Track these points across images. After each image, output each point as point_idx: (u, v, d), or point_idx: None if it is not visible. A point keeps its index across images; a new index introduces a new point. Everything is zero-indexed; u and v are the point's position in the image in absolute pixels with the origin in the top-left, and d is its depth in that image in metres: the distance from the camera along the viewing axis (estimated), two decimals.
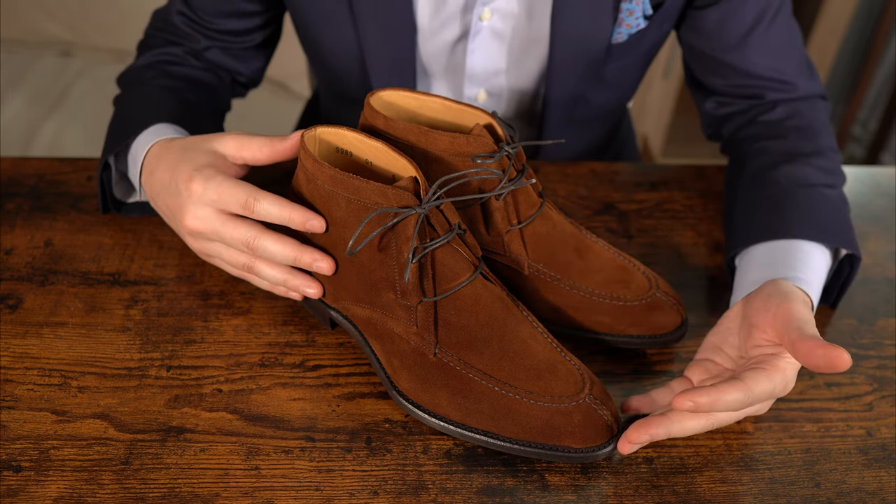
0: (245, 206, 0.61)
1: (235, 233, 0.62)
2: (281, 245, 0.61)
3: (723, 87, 0.83)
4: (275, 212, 0.60)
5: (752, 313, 0.61)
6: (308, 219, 0.59)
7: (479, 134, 0.61)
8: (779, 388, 0.57)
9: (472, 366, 0.57)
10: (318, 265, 0.60)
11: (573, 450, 0.56)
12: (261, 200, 0.60)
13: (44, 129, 1.55)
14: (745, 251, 0.69)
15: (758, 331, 0.59)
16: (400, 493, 0.56)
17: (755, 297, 0.62)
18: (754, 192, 0.73)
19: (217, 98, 0.82)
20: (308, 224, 0.59)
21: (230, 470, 0.57)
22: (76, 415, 0.60)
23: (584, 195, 0.83)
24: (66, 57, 1.75)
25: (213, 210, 0.62)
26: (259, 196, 0.61)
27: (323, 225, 0.59)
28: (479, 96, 0.87)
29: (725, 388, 0.55)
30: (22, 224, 0.75)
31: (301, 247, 0.61)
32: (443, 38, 0.82)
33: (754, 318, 0.60)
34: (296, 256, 0.61)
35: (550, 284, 0.65)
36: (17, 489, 0.55)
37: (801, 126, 0.78)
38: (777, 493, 0.58)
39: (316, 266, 0.60)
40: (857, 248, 0.68)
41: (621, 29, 0.80)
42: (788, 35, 0.80)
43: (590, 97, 0.87)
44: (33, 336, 0.65)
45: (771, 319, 0.59)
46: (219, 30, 0.82)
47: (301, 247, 0.61)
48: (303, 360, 0.65)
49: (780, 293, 0.60)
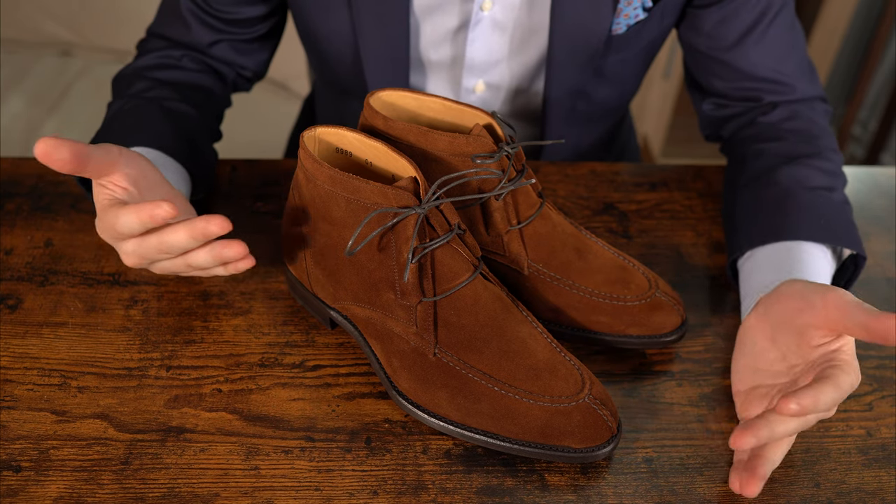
0: (115, 230, 0.58)
1: (148, 248, 0.59)
2: (177, 233, 0.57)
3: (721, 88, 0.83)
4: (129, 220, 0.56)
5: (790, 317, 0.59)
6: (155, 207, 0.54)
7: (479, 134, 0.61)
8: (853, 379, 0.56)
9: (472, 366, 0.57)
10: (210, 229, 0.56)
11: (573, 450, 0.56)
12: (119, 217, 0.57)
13: (44, 129, 1.55)
14: (748, 254, 0.69)
15: (812, 330, 0.58)
16: (400, 493, 0.56)
17: (779, 300, 0.60)
18: (755, 194, 0.73)
19: (213, 101, 0.82)
20: (157, 212, 0.54)
21: (230, 470, 0.57)
22: (76, 415, 0.60)
23: (584, 195, 0.83)
24: (66, 57, 1.75)
25: (123, 242, 0.60)
26: (118, 214, 0.57)
27: (170, 209, 0.54)
28: (477, 87, 0.87)
29: (820, 387, 0.53)
30: (22, 224, 0.75)
31: (190, 223, 0.56)
32: (441, 26, 0.82)
33: (799, 320, 0.59)
34: (192, 233, 0.56)
35: (550, 284, 0.65)
36: (17, 489, 0.55)
37: (800, 128, 0.78)
38: (777, 493, 0.58)
39: (210, 230, 0.56)
40: (862, 249, 0.68)
41: (620, 20, 0.80)
42: (789, 36, 0.80)
43: (590, 91, 0.87)
44: (33, 336, 0.65)
45: (822, 314, 0.57)
46: (227, 20, 0.82)
47: (190, 223, 0.56)
48: (302, 360, 0.65)
49: (812, 288, 0.59)
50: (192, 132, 0.75)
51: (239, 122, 1.11)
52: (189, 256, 0.60)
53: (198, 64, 0.82)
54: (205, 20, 0.81)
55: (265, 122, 1.55)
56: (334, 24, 0.81)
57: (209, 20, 0.81)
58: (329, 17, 0.81)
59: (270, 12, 0.85)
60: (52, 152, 0.54)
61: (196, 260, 0.59)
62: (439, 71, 0.86)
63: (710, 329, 0.69)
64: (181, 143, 0.72)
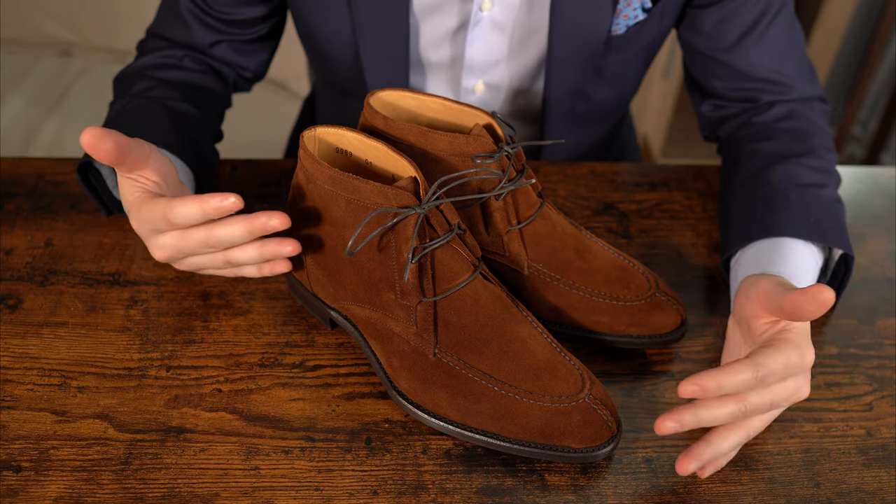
0: (167, 220, 0.58)
1: (191, 241, 0.59)
2: (232, 226, 0.58)
3: (720, 89, 0.83)
4: (190, 212, 0.57)
5: (741, 312, 0.61)
6: (224, 199, 0.55)
7: (479, 134, 0.61)
8: (793, 358, 0.55)
9: (472, 366, 0.57)
10: (272, 223, 0.57)
11: (573, 450, 0.56)
12: (175, 208, 0.57)
13: (44, 129, 1.55)
14: (738, 253, 0.69)
15: (754, 321, 0.59)
16: (400, 493, 0.56)
17: (738, 297, 0.62)
18: (747, 194, 0.73)
19: (214, 101, 0.82)
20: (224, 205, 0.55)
21: (230, 470, 0.57)
22: (76, 415, 0.60)
23: (584, 195, 0.83)
24: (66, 57, 1.75)
25: (160, 234, 0.60)
26: (172, 205, 0.57)
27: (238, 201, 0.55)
28: (477, 88, 0.87)
29: (731, 366, 0.53)
30: (22, 224, 0.75)
31: (249, 217, 0.57)
32: (440, 26, 0.82)
33: (745, 313, 0.60)
34: (249, 227, 0.57)
35: (550, 284, 0.65)
36: (17, 489, 0.55)
37: (795, 127, 0.78)
38: (777, 493, 0.58)
39: (271, 224, 0.57)
40: (850, 247, 0.68)
41: (620, 20, 0.80)
42: (788, 37, 0.80)
43: (589, 92, 0.87)
44: (33, 336, 0.65)
45: (756, 303, 0.58)
46: (227, 20, 0.82)
47: (249, 217, 0.57)
48: (302, 360, 0.65)
49: (754, 280, 0.61)
50: (194, 132, 0.75)
51: (239, 122, 1.11)
52: (232, 252, 0.60)
53: (199, 64, 0.83)
54: (205, 21, 0.81)
55: (265, 122, 1.55)
56: (334, 25, 0.82)
57: (209, 21, 0.81)
58: (329, 17, 0.81)
59: (270, 13, 0.85)
60: (96, 143, 0.55)
61: (240, 255, 0.60)
62: (439, 71, 0.86)
63: (710, 329, 0.69)
64: (185, 143, 0.72)
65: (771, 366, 0.54)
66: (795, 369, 0.56)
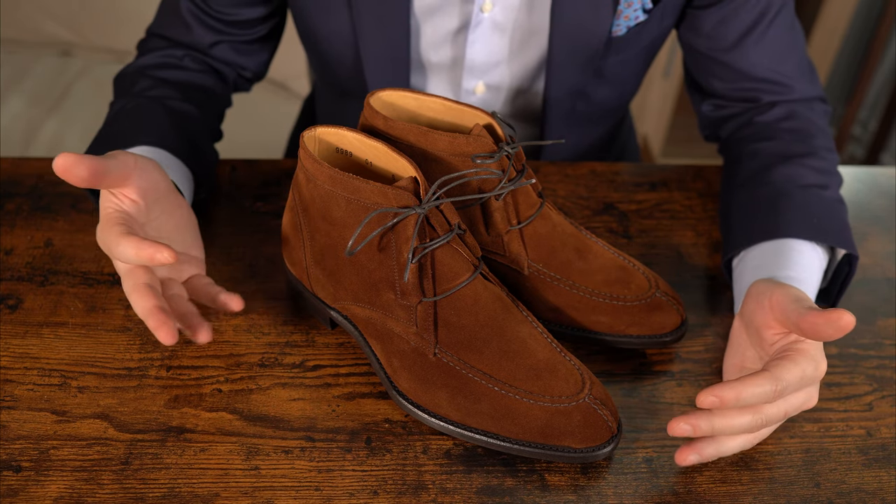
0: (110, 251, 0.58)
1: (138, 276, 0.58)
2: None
3: (721, 89, 0.83)
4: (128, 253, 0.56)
5: (751, 317, 0.61)
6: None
7: (479, 134, 0.61)
8: (808, 370, 0.55)
9: (472, 366, 0.57)
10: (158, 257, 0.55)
11: (573, 450, 0.56)
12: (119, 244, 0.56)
13: (44, 129, 1.55)
14: (741, 254, 0.69)
15: (765, 330, 0.59)
16: (400, 493, 0.56)
17: (747, 301, 0.62)
18: (749, 195, 0.73)
19: (215, 101, 0.82)
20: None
21: (230, 470, 0.57)
22: (76, 415, 0.60)
23: (584, 195, 0.83)
24: (66, 57, 1.75)
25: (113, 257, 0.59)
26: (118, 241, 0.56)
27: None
28: (477, 88, 0.87)
29: (751, 379, 0.53)
30: (22, 224, 0.75)
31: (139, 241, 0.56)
32: (441, 27, 0.82)
33: (755, 320, 0.60)
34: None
35: (550, 284, 0.65)
36: (17, 489, 0.55)
37: (796, 127, 0.78)
38: (777, 493, 0.58)
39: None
40: (854, 248, 0.68)
41: (620, 21, 0.80)
42: (788, 37, 0.80)
43: (590, 92, 0.87)
44: (33, 336, 0.65)
45: (769, 314, 0.58)
46: (227, 21, 0.82)
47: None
48: (303, 360, 0.65)
49: (766, 287, 0.60)
50: (194, 132, 0.75)
51: (239, 122, 1.11)
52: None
53: (199, 64, 0.83)
54: (205, 21, 0.81)
55: (265, 122, 1.55)
56: (335, 26, 0.82)
57: (209, 21, 0.81)
58: (329, 18, 0.81)
59: (270, 14, 0.85)
60: (70, 169, 0.55)
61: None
62: (439, 72, 0.86)
63: (710, 329, 0.70)
64: (184, 143, 0.72)
65: (788, 379, 0.54)
66: (810, 381, 0.56)
